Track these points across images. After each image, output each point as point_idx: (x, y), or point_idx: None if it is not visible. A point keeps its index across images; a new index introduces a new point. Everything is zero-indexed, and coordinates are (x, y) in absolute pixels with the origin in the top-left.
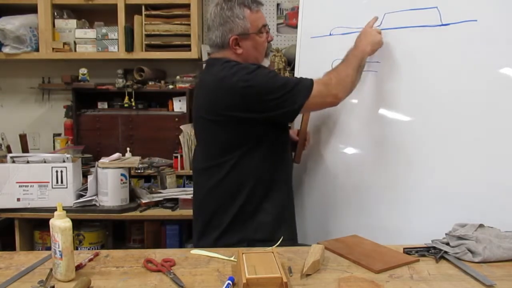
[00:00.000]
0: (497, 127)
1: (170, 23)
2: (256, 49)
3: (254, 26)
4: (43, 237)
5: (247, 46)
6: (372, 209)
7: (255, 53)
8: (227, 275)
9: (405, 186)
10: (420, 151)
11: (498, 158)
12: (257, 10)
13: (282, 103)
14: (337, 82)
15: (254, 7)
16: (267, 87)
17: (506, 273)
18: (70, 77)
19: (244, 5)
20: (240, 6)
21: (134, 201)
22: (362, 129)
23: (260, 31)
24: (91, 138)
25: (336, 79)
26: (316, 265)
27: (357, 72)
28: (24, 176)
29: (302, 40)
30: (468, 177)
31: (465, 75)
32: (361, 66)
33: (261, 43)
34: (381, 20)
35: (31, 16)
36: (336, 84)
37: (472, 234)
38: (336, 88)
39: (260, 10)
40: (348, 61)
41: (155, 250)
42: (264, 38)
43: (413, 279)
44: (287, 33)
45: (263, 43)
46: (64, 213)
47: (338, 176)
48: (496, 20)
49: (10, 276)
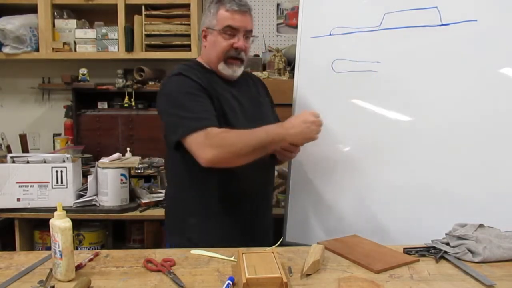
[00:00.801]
0: (497, 127)
1: (170, 23)
2: (214, 47)
3: (220, 23)
4: (43, 237)
5: (209, 41)
6: (372, 209)
7: (212, 51)
8: (227, 275)
9: (405, 186)
10: (420, 151)
11: (498, 158)
12: (233, 10)
13: (169, 124)
14: (224, 145)
15: (230, 7)
16: (169, 99)
17: (506, 273)
18: (70, 77)
19: (220, 2)
20: (217, 2)
21: (134, 201)
22: (362, 129)
23: (224, 31)
24: (91, 138)
25: (228, 141)
26: (316, 265)
27: (260, 150)
28: (24, 176)
29: (302, 40)
30: (468, 177)
31: (465, 75)
32: (270, 147)
33: (219, 43)
34: (381, 20)
35: (31, 16)
36: (218, 146)
37: (472, 234)
38: (215, 149)
39: (239, 13)
40: (263, 134)
41: (155, 250)
42: (225, 40)
43: (413, 279)
44: (287, 33)
45: (221, 43)
46: (64, 213)
47: (338, 176)
48: (496, 20)
49: (10, 276)
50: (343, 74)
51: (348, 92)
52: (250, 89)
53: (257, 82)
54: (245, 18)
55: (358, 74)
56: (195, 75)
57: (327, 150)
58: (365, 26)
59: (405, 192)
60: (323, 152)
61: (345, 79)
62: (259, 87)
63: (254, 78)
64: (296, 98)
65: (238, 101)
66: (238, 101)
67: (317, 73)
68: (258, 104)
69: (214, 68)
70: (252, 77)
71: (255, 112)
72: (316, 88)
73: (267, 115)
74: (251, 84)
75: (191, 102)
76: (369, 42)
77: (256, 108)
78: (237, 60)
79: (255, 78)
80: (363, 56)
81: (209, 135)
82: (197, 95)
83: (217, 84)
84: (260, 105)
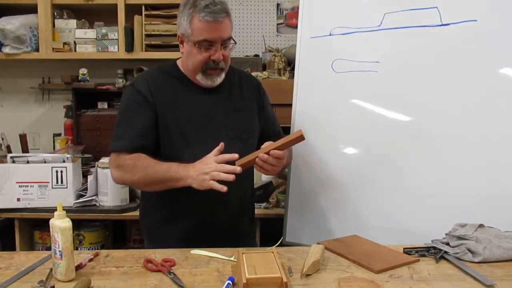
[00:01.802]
0: (497, 126)
1: (170, 23)
2: (190, 58)
3: (195, 35)
4: (43, 237)
5: (186, 50)
6: (372, 209)
7: (189, 61)
8: (227, 275)
9: (405, 186)
10: (420, 151)
11: (498, 158)
12: (208, 21)
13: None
14: (125, 171)
15: (204, 17)
16: (118, 110)
17: (506, 273)
18: (70, 77)
19: (194, 8)
20: (191, 7)
21: (134, 201)
22: (362, 129)
23: (200, 44)
24: (91, 138)
25: (129, 169)
26: (316, 265)
27: (158, 184)
28: (24, 176)
29: (302, 40)
30: (468, 177)
31: (465, 75)
32: (168, 183)
33: (195, 56)
34: (381, 20)
35: (31, 16)
36: (121, 171)
37: (472, 234)
38: (118, 172)
39: (215, 23)
40: (164, 170)
41: (155, 250)
42: (201, 53)
43: (413, 279)
44: (287, 33)
45: (197, 56)
46: (64, 213)
47: (338, 176)
48: (496, 20)
49: (10, 276)
50: (343, 74)
51: (348, 92)
52: (231, 95)
53: (249, 84)
54: (221, 27)
55: (358, 74)
56: (147, 86)
57: (327, 150)
58: (365, 26)
59: (405, 192)
60: (322, 152)
61: (345, 79)
62: (249, 90)
63: (247, 80)
64: (296, 98)
65: (206, 109)
66: (206, 109)
67: (317, 73)
68: (234, 112)
69: (192, 78)
70: (244, 79)
71: (225, 120)
72: (316, 88)
73: (244, 122)
74: (236, 87)
75: (124, 120)
76: (369, 42)
77: (229, 116)
78: (216, 70)
79: (248, 80)
80: (363, 56)
81: (118, 158)
82: (134, 111)
83: (184, 92)
84: (236, 113)
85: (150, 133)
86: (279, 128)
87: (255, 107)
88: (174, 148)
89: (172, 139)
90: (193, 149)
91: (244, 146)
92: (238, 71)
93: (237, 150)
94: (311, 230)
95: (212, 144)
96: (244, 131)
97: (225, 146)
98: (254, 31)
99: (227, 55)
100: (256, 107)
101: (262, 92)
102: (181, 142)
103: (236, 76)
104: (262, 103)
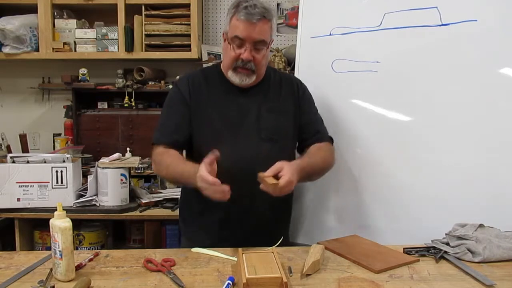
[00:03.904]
0: (497, 127)
1: (170, 23)
2: (225, 54)
3: (230, 32)
4: (43, 237)
5: (224, 47)
6: (372, 209)
7: (224, 58)
8: (227, 275)
9: (405, 186)
10: (420, 151)
11: (498, 158)
12: (242, 20)
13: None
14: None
15: (240, 16)
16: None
17: (506, 273)
18: (70, 77)
19: (236, 9)
20: (234, 7)
21: (134, 201)
22: (362, 129)
23: (232, 40)
24: (91, 138)
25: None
26: (316, 265)
27: (179, 183)
28: (24, 176)
29: (302, 40)
30: (468, 177)
31: (465, 75)
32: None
33: (228, 52)
34: (381, 20)
35: (31, 16)
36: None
37: (472, 234)
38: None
39: (248, 23)
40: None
41: (155, 250)
42: (233, 50)
43: (413, 279)
44: (287, 33)
45: (230, 53)
46: (64, 213)
47: (338, 176)
48: (496, 20)
49: (10, 276)
50: (343, 74)
51: (348, 92)
52: (267, 96)
53: (288, 85)
54: (254, 28)
55: (358, 74)
56: (187, 85)
57: None
58: (365, 26)
59: (405, 192)
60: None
61: (345, 79)
62: (287, 91)
63: (287, 81)
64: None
65: (240, 110)
66: (240, 109)
67: (317, 73)
68: (268, 113)
69: (226, 74)
70: (284, 80)
71: (258, 121)
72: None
73: (276, 124)
74: (275, 89)
75: (163, 115)
76: (369, 42)
77: (262, 117)
78: (245, 70)
79: (288, 81)
80: (363, 56)
81: (155, 151)
82: (172, 108)
83: (221, 92)
84: (270, 114)
85: (183, 129)
86: (318, 127)
87: (291, 108)
88: (207, 145)
89: (205, 136)
90: (225, 148)
91: (275, 147)
92: (280, 73)
93: (267, 150)
94: (311, 230)
95: (243, 144)
96: (276, 132)
97: (256, 146)
98: None
99: (259, 58)
100: (293, 108)
101: (301, 93)
102: (213, 140)
103: (277, 78)
104: (299, 103)
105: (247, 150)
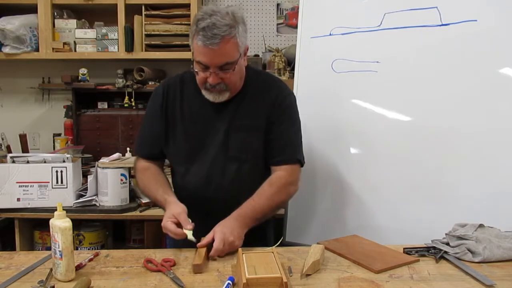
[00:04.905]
0: (497, 127)
1: (170, 23)
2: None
3: (194, 54)
4: (43, 237)
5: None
6: (372, 209)
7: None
8: (227, 275)
9: (405, 186)
10: (420, 151)
11: (498, 158)
12: (201, 45)
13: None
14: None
15: (198, 41)
16: None
17: (506, 273)
18: (70, 77)
19: (196, 28)
20: (194, 25)
21: (134, 201)
22: (362, 129)
23: (197, 63)
24: (91, 138)
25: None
26: (316, 265)
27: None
28: (24, 176)
29: (302, 40)
30: (468, 177)
31: (465, 75)
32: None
33: (197, 73)
34: (381, 20)
35: (31, 16)
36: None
37: (472, 234)
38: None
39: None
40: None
41: (155, 250)
42: (199, 72)
43: (413, 279)
44: (287, 33)
45: (198, 73)
46: (64, 213)
47: (338, 176)
48: (496, 20)
49: (10, 276)
50: (343, 74)
51: (348, 92)
52: (237, 112)
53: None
54: (215, 53)
55: (358, 74)
56: (162, 97)
57: (327, 150)
58: (365, 26)
59: (405, 192)
60: (322, 152)
61: (345, 79)
62: (263, 106)
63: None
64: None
65: (212, 127)
66: (212, 126)
67: (317, 73)
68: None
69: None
70: (265, 93)
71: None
72: (316, 88)
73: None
74: (248, 102)
75: (143, 127)
76: (369, 42)
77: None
78: (216, 90)
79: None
80: (363, 56)
81: (137, 165)
82: (149, 121)
83: (195, 106)
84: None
85: (157, 142)
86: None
87: (262, 125)
88: (176, 163)
89: (175, 153)
90: (193, 166)
91: (244, 166)
92: (264, 78)
93: (235, 170)
94: (311, 230)
95: (210, 163)
96: (244, 151)
97: (223, 165)
98: (254, 31)
99: (228, 78)
100: (264, 124)
101: (278, 104)
102: (181, 158)
103: (259, 85)
104: (272, 114)
105: (214, 169)
